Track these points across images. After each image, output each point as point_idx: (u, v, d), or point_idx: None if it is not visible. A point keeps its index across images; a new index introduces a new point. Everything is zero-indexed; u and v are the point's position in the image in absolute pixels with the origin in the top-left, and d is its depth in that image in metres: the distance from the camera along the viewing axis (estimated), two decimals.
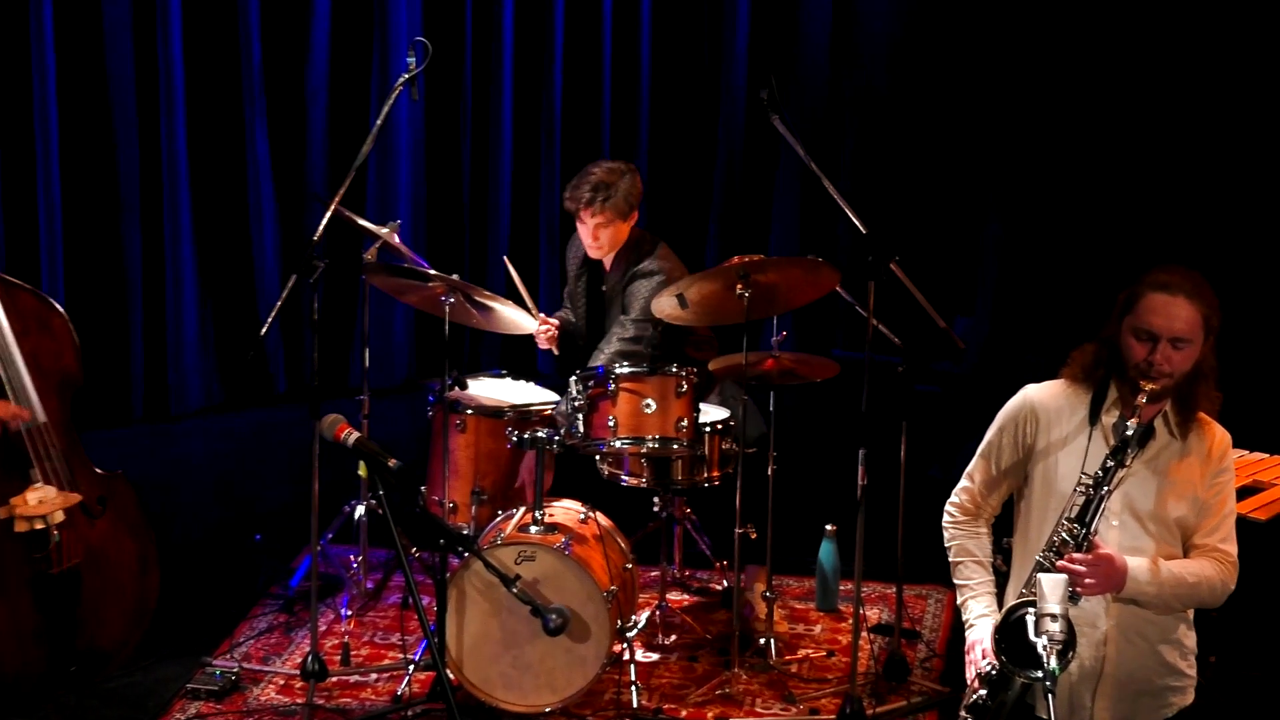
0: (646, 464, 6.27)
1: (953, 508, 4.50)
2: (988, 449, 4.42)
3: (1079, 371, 4.28)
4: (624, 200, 6.55)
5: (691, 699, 5.99)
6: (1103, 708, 4.27)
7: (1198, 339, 4.12)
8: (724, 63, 9.62)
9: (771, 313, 6.19)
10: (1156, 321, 4.09)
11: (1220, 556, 4.24)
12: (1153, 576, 4.14)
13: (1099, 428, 4.21)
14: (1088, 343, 4.31)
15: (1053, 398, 4.31)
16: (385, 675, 6.13)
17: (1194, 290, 4.11)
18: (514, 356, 9.44)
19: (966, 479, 4.48)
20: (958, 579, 4.46)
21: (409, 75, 6.25)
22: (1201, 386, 4.19)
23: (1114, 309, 4.23)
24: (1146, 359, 4.10)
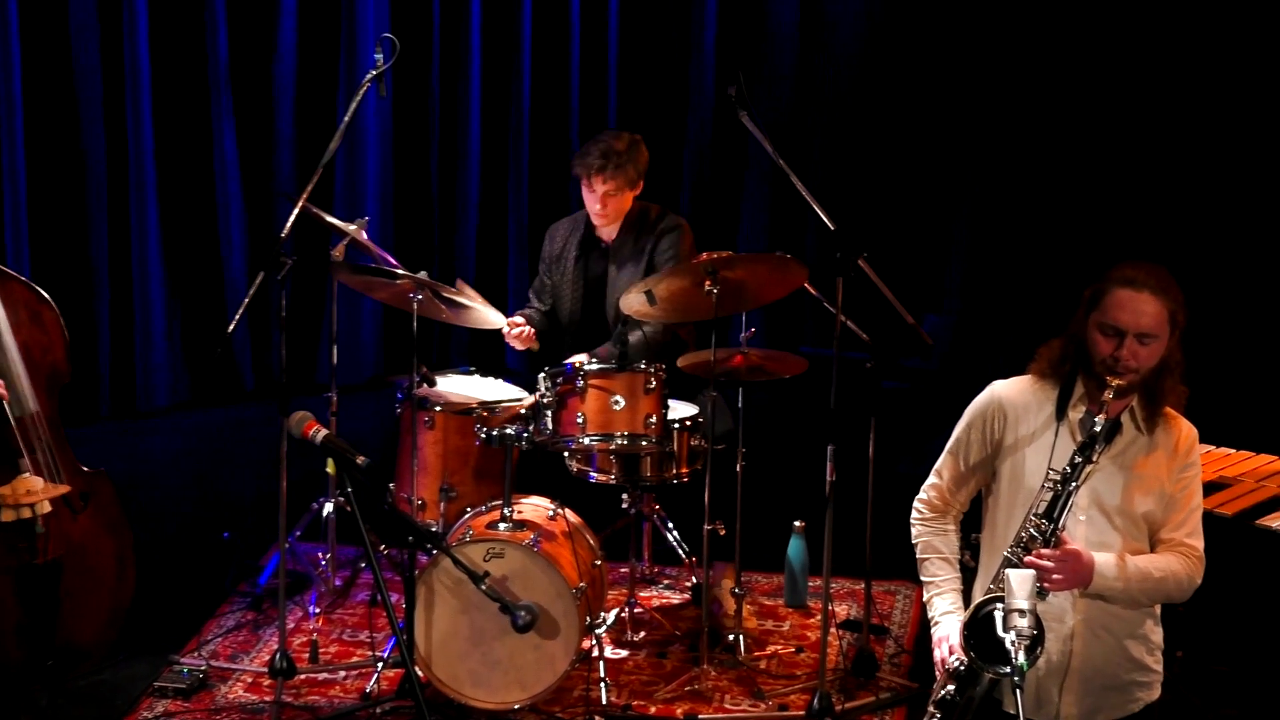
0: (615, 460, 6.27)
1: (920, 504, 4.50)
2: (955, 446, 4.42)
3: (1046, 367, 4.29)
4: (634, 169, 6.60)
5: (660, 695, 5.99)
6: (1069, 702, 4.28)
7: (1164, 334, 4.13)
8: (692, 60, 9.61)
9: (740, 309, 6.20)
10: (1122, 317, 4.10)
11: (1187, 551, 4.26)
12: (1120, 572, 4.15)
13: (1066, 423, 4.22)
14: (1054, 338, 4.32)
15: (1020, 394, 4.32)
16: (354, 673, 6.13)
17: (1160, 286, 4.12)
18: (483, 353, 9.42)
19: (934, 476, 4.48)
20: (924, 576, 4.47)
21: (377, 72, 6.24)
22: (1168, 381, 4.20)
23: (1080, 305, 4.23)
24: (1113, 354, 4.11)
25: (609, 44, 9.62)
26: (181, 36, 9.00)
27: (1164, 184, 8.70)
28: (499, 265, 9.76)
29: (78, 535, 5.62)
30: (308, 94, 9.38)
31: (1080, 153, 8.88)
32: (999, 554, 4.24)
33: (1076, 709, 4.29)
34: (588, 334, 6.75)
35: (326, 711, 5.83)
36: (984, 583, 4.32)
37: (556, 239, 6.92)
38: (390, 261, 6.55)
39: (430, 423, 6.30)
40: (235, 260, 9.38)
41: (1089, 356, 4.17)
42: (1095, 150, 8.84)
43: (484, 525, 5.85)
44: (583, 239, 6.81)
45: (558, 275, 6.86)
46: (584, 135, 9.66)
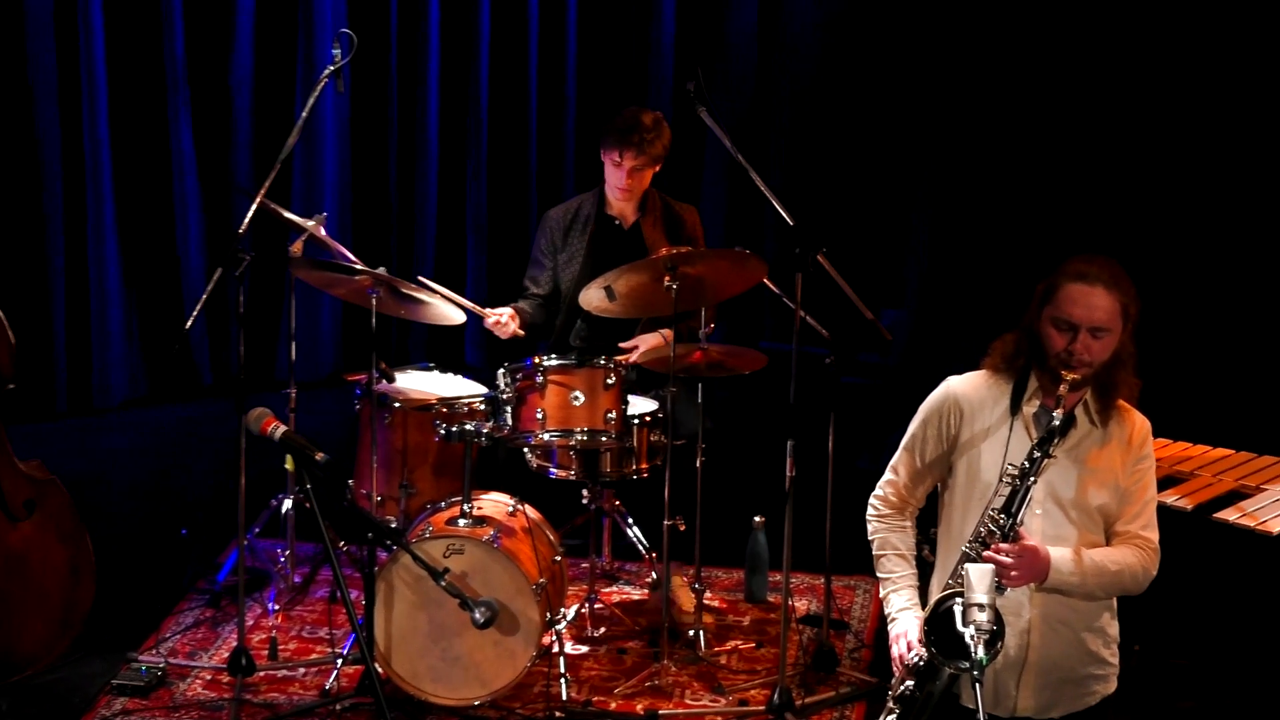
0: (575, 456, 6.26)
1: (877, 500, 4.50)
2: (911, 442, 4.42)
3: (1000, 362, 4.30)
4: (660, 146, 6.61)
5: (621, 691, 5.99)
6: (1026, 695, 4.29)
7: (1117, 328, 4.15)
8: (651, 56, 9.61)
9: (699, 305, 6.20)
10: (1076, 312, 4.12)
11: (1142, 544, 4.28)
12: (1076, 566, 4.17)
13: (1020, 417, 4.23)
14: (1008, 333, 4.33)
15: (975, 389, 4.32)
16: (313, 669, 6.11)
17: (1112, 280, 4.14)
18: (442, 349, 9.41)
19: (890, 472, 4.48)
20: (880, 572, 4.47)
21: (334, 67, 6.23)
22: (1121, 374, 4.22)
23: (1033, 299, 4.24)
24: (1066, 349, 4.12)
25: (568, 39, 9.62)
26: (138, 31, 8.95)
27: (1117, 178, 8.72)
28: (458, 261, 9.75)
29: (17, 544, 5.56)
30: (265, 89, 9.35)
31: (1036, 148, 8.91)
32: (956, 549, 4.25)
33: (1034, 702, 4.30)
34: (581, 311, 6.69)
35: (286, 708, 5.81)
36: (942, 578, 4.33)
37: (558, 222, 6.83)
38: (349, 257, 6.54)
39: (389, 419, 6.29)
40: (193, 256, 9.33)
41: (1043, 351, 4.19)
42: (1051, 145, 8.87)
43: (444, 521, 5.84)
44: (595, 216, 6.78)
45: (564, 257, 6.80)
46: (542, 131, 9.67)
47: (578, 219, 6.79)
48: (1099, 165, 8.76)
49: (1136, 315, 4.19)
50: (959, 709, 4.21)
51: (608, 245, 6.73)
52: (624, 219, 6.76)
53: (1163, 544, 4.34)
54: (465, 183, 9.74)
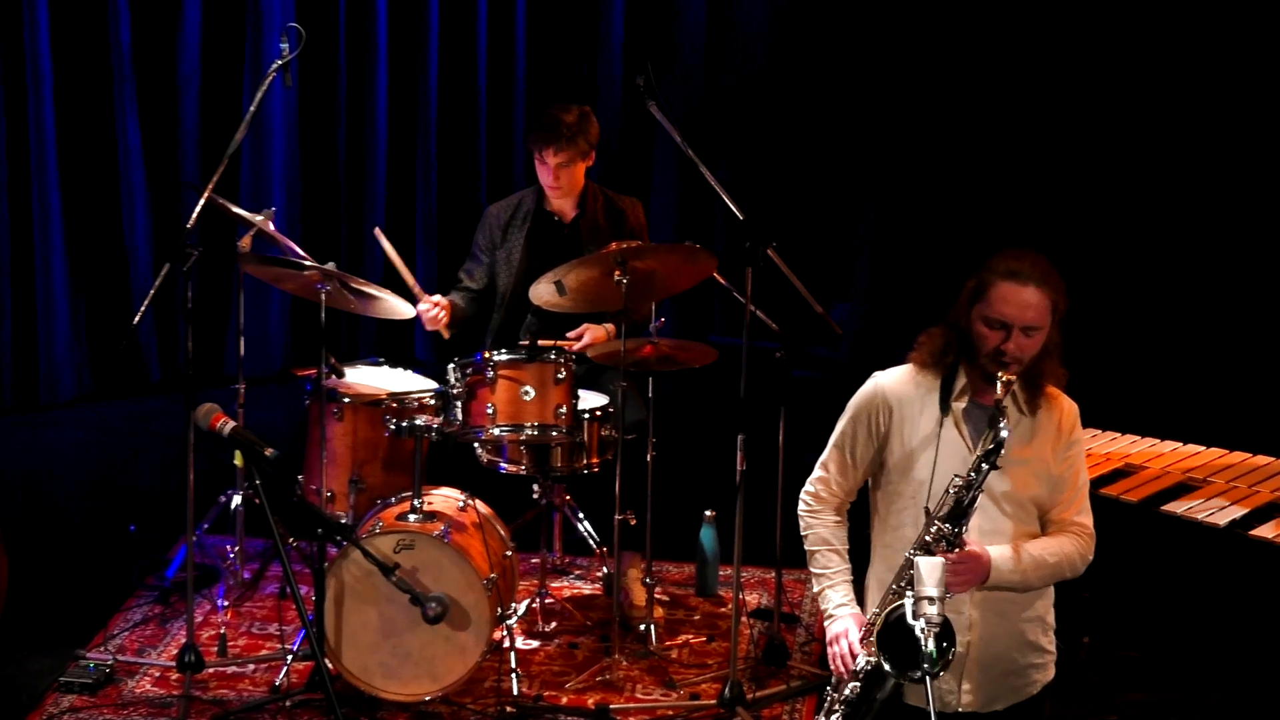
0: (525, 451, 6.25)
1: (807, 497, 4.47)
2: (840, 438, 4.40)
3: (927, 357, 4.28)
4: (584, 141, 6.58)
5: (572, 685, 5.99)
6: (970, 690, 4.29)
7: (1047, 324, 4.15)
8: (600, 51, 9.61)
9: (650, 299, 6.20)
10: (1008, 311, 4.11)
11: (1078, 530, 4.28)
12: (1015, 564, 4.17)
13: (951, 414, 4.23)
14: (934, 327, 4.31)
15: (903, 385, 4.31)
16: (263, 666, 6.09)
17: (1043, 277, 4.14)
18: (391, 344, 9.38)
19: (820, 469, 4.46)
20: (814, 568, 4.43)
21: (283, 61, 6.20)
22: (1048, 364, 4.22)
23: (961, 295, 4.23)
24: (999, 347, 4.12)
25: (516, 35, 9.60)
26: (83, 24, 8.90)
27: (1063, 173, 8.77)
28: (407, 255, 9.64)
29: None
30: (213, 83, 9.31)
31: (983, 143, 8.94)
32: (889, 545, 4.25)
33: (977, 697, 4.30)
34: (525, 308, 6.68)
35: (235, 705, 5.79)
36: (880, 573, 4.32)
37: (497, 218, 6.83)
38: (298, 252, 6.52)
39: (339, 414, 6.27)
40: (140, 251, 9.29)
41: (973, 348, 4.18)
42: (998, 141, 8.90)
43: (394, 517, 5.83)
44: (534, 213, 6.77)
45: (502, 253, 6.79)
46: (492, 125, 9.66)
47: (517, 215, 6.79)
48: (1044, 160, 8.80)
49: (1065, 309, 4.19)
50: (904, 707, 4.20)
51: (546, 242, 6.73)
52: (563, 215, 6.76)
53: (1112, 536, 4.36)
54: (414, 178, 9.73)
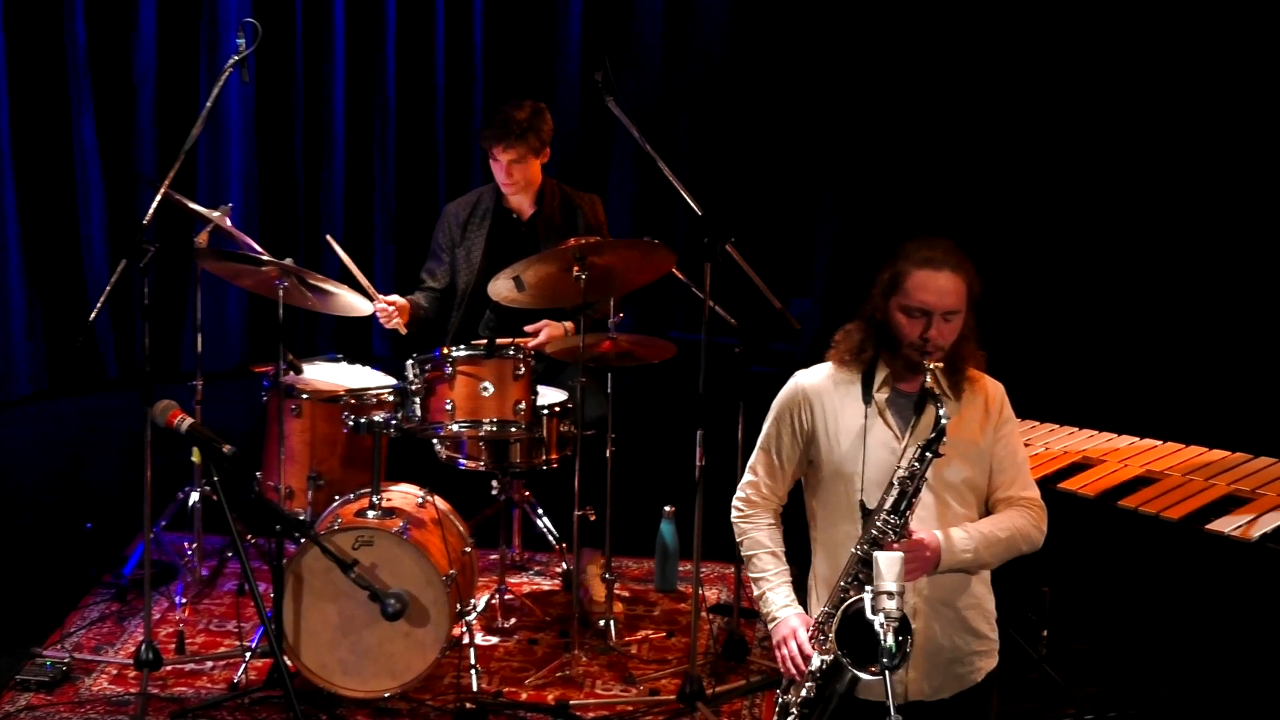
0: (484, 447, 6.25)
1: (739, 502, 4.45)
2: (766, 441, 4.38)
3: (846, 354, 4.27)
4: (535, 137, 6.58)
5: (531, 681, 5.99)
6: (917, 680, 4.27)
7: (964, 308, 4.16)
8: (558, 47, 9.60)
9: (608, 295, 6.20)
10: (928, 298, 4.12)
11: (1026, 503, 4.27)
12: (966, 543, 4.15)
13: (874, 405, 4.23)
14: (849, 324, 4.31)
15: (824, 382, 4.29)
16: (221, 663, 6.07)
17: (957, 262, 4.15)
18: (349, 340, 9.37)
19: (750, 472, 4.43)
20: (753, 572, 4.40)
21: (239, 57, 6.19)
22: (967, 348, 4.22)
23: (875, 288, 4.23)
24: (922, 335, 4.12)
25: (474, 29, 9.59)
26: (38, 19, 8.85)
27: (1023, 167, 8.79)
28: (365, 252, 9.70)
29: None
30: (169, 79, 9.27)
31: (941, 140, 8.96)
32: (830, 542, 4.24)
33: (925, 686, 4.28)
34: (484, 305, 6.68)
35: (194, 702, 5.77)
36: (820, 571, 4.31)
37: (456, 216, 6.83)
38: (255, 248, 6.50)
39: (297, 410, 6.25)
40: (96, 247, 9.25)
41: (892, 339, 4.18)
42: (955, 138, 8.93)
43: (352, 513, 5.82)
44: (493, 210, 6.77)
45: (461, 251, 6.79)
46: (449, 120, 9.64)
47: (475, 212, 6.79)
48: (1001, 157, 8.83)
49: (979, 292, 4.20)
50: (856, 702, 4.20)
51: (505, 239, 6.73)
52: (521, 212, 6.76)
53: (1069, 531, 4.37)
54: (372, 174, 9.71)
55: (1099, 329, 8.58)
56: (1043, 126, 8.71)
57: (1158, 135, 8.49)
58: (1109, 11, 8.54)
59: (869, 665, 3.96)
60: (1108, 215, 8.64)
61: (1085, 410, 6.07)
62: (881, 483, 4.13)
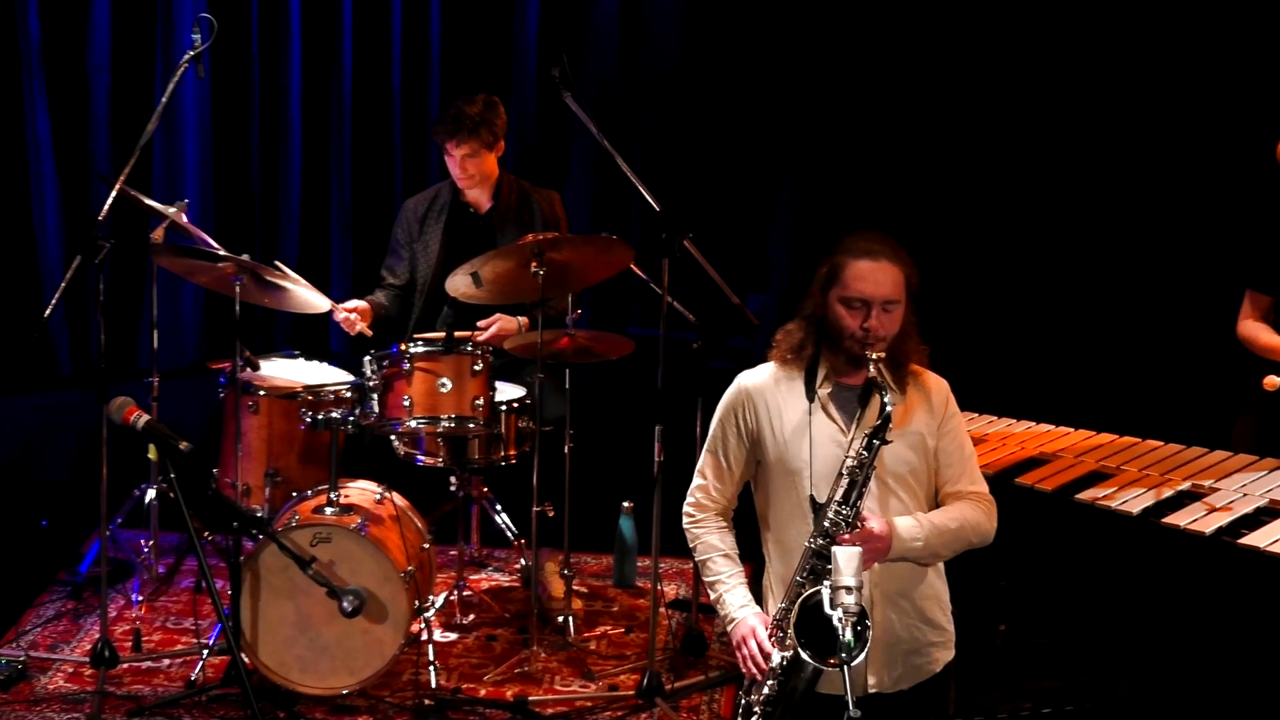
0: (443, 443, 6.24)
1: (690, 507, 4.44)
2: (713, 443, 4.38)
3: (787, 353, 4.29)
4: (488, 131, 6.61)
5: (490, 678, 5.99)
6: (876, 673, 4.28)
7: (903, 298, 4.18)
8: (514, 42, 9.59)
9: (566, 291, 6.20)
10: (866, 289, 4.14)
11: (975, 497, 4.29)
12: (916, 532, 4.16)
13: (818, 401, 4.24)
14: (789, 323, 4.33)
15: (767, 381, 4.30)
16: (179, 661, 6.06)
17: (894, 253, 4.18)
18: (307, 337, 9.34)
19: (699, 476, 4.43)
20: (708, 575, 4.39)
21: (194, 52, 6.17)
22: (909, 343, 4.24)
23: (813, 284, 4.25)
24: (862, 326, 4.14)
25: (431, 24, 9.57)
26: None
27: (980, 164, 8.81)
28: (322, 248, 9.67)
29: None
30: (124, 74, 9.22)
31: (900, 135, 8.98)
32: (783, 541, 4.25)
33: (884, 678, 4.28)
34: (443, 301, 6.67)
35: (151, 700, 5.75)
36: (776, 571, 4.31)
37: (414, 211, 6.83)
38: (211, 244, 6.47)
39: (254, 407, 6.24)
40: (50, 244, 9.20)
41: (833, 334, 4.20)
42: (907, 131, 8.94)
43: (310, 510, 5.81)
44: (451, 205, 6.77)
45: (419, 246, 6.78)
46: (406, 115, 9.61)
47: (433, 208, 6.79)
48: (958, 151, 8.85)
49: (917, 285, 4.22)
50: (816, 696, 4.20)
51: (463, 234, 6.72)
52: (478, 206, 6.76)
53: (1026, 525, 4.38)
54: (329, 169, 9.67)
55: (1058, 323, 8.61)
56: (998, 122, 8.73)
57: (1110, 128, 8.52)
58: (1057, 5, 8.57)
59: (828, 657, 3.97)
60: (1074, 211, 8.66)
61: (1043, 404, 6.08)
62: (830, 477, 4.14)
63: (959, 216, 8.72)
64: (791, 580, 4.14)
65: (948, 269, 8.07)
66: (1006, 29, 8.67)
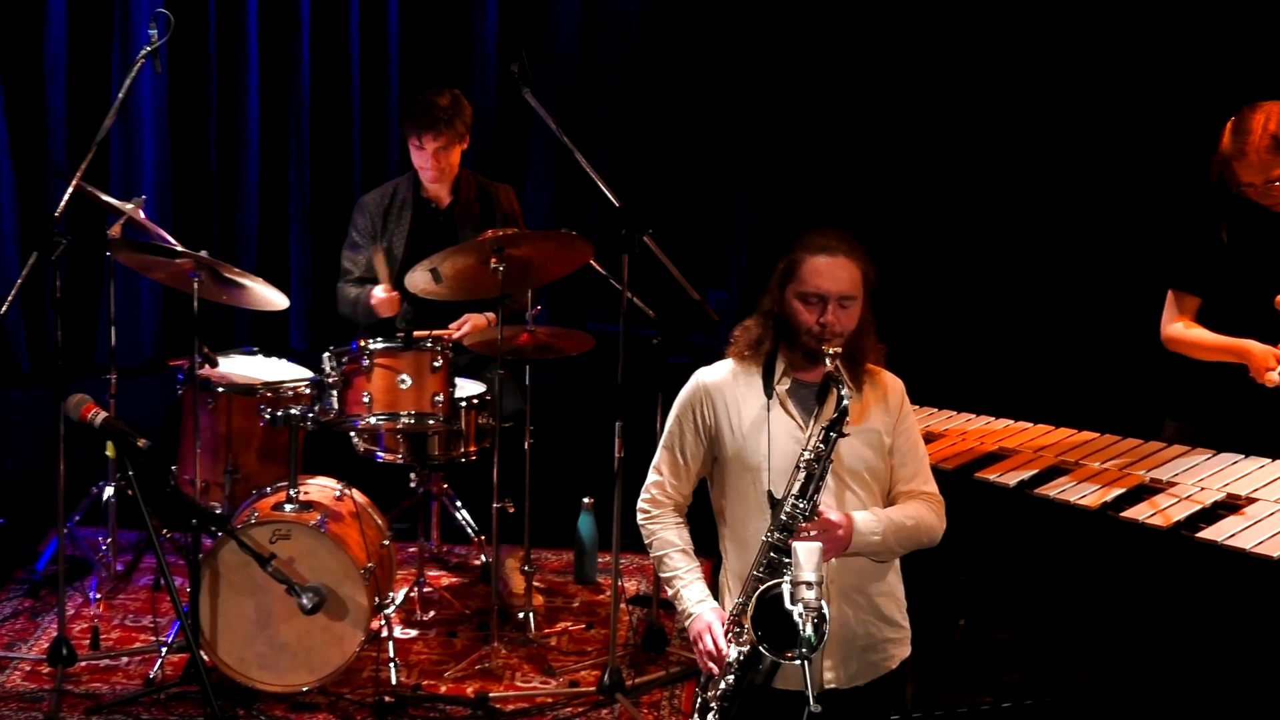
0: (402, 439, 6.24)
1: (645, 503, 4.43)
2: (669, 439, 4.38)
3: (745, 349, 4.30)
4: (460, 124, 6.63)
5: (451, 674, 5.98)
6: (831, 667, 4.28)
7: (860, 295, 4.19)
8: (474, 37, 9.58)
9: (526, 287, 6.20)
10: (823, 284, 4.15)
11: (927, 498, 4.31)
12: (875, 525, 4.17)
13: (775, 397, 4.25)
14: (747, 319, 4.34)
15: (725, 377, 4.31)
16: (137, 659, 6.03)
17: (851, 249, 4.20)
18: (266, 333, 9.31)
19: (654, 472, 4.42)
20: (664, 572, 4.39)
21: (151, 47, 6.14)
22: (866, 341, 4.26)
23: (771, 279, 4.26)
24: (819, 321, 4.15)
25: (389, 19, 9.55)
26: None
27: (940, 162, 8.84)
28: (280, 244, 9.65)
29: None
30: (80, 69, 9.19)
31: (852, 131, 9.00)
32: (739, 538, 4.25)
33: (840, 674, 4.28)
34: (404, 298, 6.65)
35: (109, 699, 5.73)
36: (733, 568, 4.31)
37: (376, 206, 6.80)
38: (169, 240, 6.45)
39: (213, 404, 6.22)
40: (7, 241, 9.17)
41: (791, 329, 4.21)
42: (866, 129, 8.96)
43: (269, 507, 5.80)
44: (412, 201, 6.76)
45: (383, 242, 6.76)
46: (365, 111, 9.59)
47: (394, 203, 6.77)
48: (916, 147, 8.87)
49: (874, 282, 4.24)
50: (773, 692, 4.20)
51: (425, 229, 6.71)
52: (439, 201, 6.76)
53: (986, 520, 4.39)
54: (288, 165, 9.65)
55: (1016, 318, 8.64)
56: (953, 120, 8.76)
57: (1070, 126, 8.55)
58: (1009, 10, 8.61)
59: (785, 651, 3.97)
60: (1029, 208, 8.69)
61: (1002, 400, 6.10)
62: (788, 473, 4.15)
63: (918, 212, 8.75)
64: (748, 575, 4.15)
65: (906, 264, 8.10)
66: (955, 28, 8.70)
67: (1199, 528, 4.79)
